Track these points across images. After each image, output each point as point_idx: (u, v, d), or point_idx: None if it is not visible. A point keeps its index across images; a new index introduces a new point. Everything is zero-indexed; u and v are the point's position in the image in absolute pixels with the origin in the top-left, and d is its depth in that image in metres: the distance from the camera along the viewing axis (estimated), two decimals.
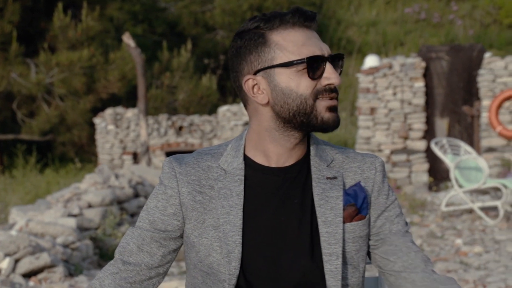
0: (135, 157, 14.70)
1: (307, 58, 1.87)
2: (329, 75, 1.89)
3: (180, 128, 15.13)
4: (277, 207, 1.92)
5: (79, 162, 15.94)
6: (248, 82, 1.91)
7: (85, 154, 16.65)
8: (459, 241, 8.18)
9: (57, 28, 15.59)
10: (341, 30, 21.86)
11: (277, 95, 1.89)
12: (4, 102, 15.63)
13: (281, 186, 1.93)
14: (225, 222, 1.89)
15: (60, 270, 6.40)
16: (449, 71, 12.16)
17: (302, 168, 1.96)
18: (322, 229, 1.90)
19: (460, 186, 9.71)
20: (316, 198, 1.92)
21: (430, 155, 11.89)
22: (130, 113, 14.88)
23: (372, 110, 12.20)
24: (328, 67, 1.90)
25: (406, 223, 2.04)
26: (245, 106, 1.97)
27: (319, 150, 1.98)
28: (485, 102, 11.72)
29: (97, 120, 14.94)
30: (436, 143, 10.24)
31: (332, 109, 1.89)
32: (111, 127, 14.81)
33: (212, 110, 17.01)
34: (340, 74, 1.94)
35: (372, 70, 12.20)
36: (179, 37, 19.37)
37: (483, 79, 11.75)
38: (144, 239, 1.98)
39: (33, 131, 15.93)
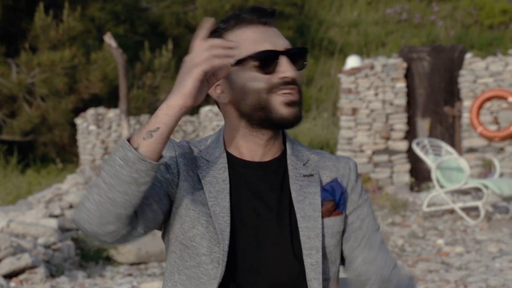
0: None
1: (256, 53, 1.89)
2: (283, 68, 1.90)
3: None
4: (256, 201, 1.94)
5: (60, 162, 15.88)
6: None
7: (66, 155, 16.59)
8: (440, 241, 8.22)
9: (39, 28, 15.52)
10: (323, 31, 21.90)
11: (235, 93, 1.92)
12: None
13: (260, 179, 1.96)
14: (214, 204, 1.91)
15: (41, 271, 6.38)
16: (431, 72, 12.22)
17: (279, 165, 1.98)
18: (302, 224, 1.92)
19: (442, 186, 9.76)
20: (294, 195, 1.94)
21: (411, 156, 11.94)
22: (112, 113, 14.84)
23: (354, 111, 12.23)
24: (282, 61, 1.91)
25: (377, 223, 2.07)
26: (218, 106, 2.01)
27: (295, 150, 2.01)
28: (466, 103, 11.78)
29: (78, 121, 14.89)
30: (418, 144, 10.29)
31: (290, 104, 1.91)
32: (92, 127, 14.77)
33: (194, 111, 17.00)
34: (302, 68, 1.96)
35: (354, 71, 12.24)
36: (161, 37, 19.33)
37: (464, 79, 11.81)
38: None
39: (14, 131, 15.85)
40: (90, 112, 14.83)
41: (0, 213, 8.28)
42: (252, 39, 1.92)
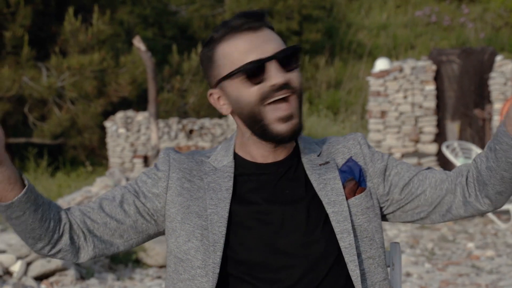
0: (146, 160, 14.72)
1: (242, 66, 1.89)
2: (271, 74, 1.88)
3: (191, 131, 15.14)
4: (268, 200, 1.94)
5: (90, 165, 15.98)
6: (213, 96, 1.98)
7: (96, 158, 16.68)
8: (471, 244, 8.15)
9: (68, 32, 15.63)
10: (352, 34, 21.83)
11: (234, 105, 1.95)
12: (15, 105, 15.67)
13: (272, 179, 1.97)
14: (213, 213, 1.92)
15: (71, 273, 6.41)
16: (460, 74, 12.13)
17: (292, 162, 1.99)
18: (329, 209, 1.93)
19: None
20: (314, 184, 1.95)
21: (441, 159, 11.86)
22: (140, 116, 14.90)
23: (383, 114, 12.18)
24: (270, 67, 1.89)
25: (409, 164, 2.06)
26: None
27: (307, 144, 2.03)
28: (497, 105, 11.68)
29: (108, 124, 14.97)
30: (447, 146, 10.21)
31: (285, 119, 1.89)
32: (122, 130, 14.84)
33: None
34: (294, 69, 1.93)
35: (383, 74, 12.18)
36: (190, 41, 19.38)
37: (495, 82, 11.71)
38: (127, 199, 2.01)
39: (45, 134, 15.96)
40: (119, 115, 14.90)
41: None
42: (240, 50, 1.90)
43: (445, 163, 11.84)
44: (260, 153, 1.98)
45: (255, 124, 1.91)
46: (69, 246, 1.97)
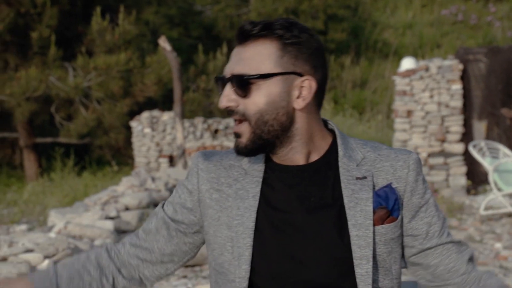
0: (171, 160, 14.77)
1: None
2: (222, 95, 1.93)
3: (216, 131, 15.17)
4: (295, 205, 1.90)
5: (116, 165, 16.05)
6: None
7: (121, 157, 16.76)
8: (498, 245, 8.09)
9: (95, 32, 15.71)
10: (377, 33, 21.75)
11: None
12: (42, 105, 15.78)
13: (298, 183, 1.92)
14: (238, 224, 1.90)
15: None
16: (487, 73, 12.04)
17: (323, 166, 1.93)
18: (352, 232, 1.86)
19: (499, 189, 9.61)
20: (346, 200, 1.88)
21: (468, 158, 11.78)
22: (166, 116, 14.94)
23: (409, 113, 12.12)
24: (226, 87, 1.92)
25: (444, 220, 1.98)
26: None
27: (349, 150, 1.94)
28: None
29: (133, 123, 15.03)
30: (474, 146, 10.15)
31: (234, 135, 1.92)
32: (147, 130, 14.89)
33: None
34: (244, 96, 1.88)
35: (409, 73, 12.12)
36: (215, 41, 19.42)
37: None
38: (164, 223, 2.03)
39: (71, 134, 16.06)
40: (145, 115, 14.96)
41: (58, 215, 8.40)
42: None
43: (471, 163, 11.76)
44: (287, 156, 1.95)
45: None
46: (129, 283, 2.07)
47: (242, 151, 1.91)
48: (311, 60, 1.91)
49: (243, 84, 1.86)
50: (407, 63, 12.35)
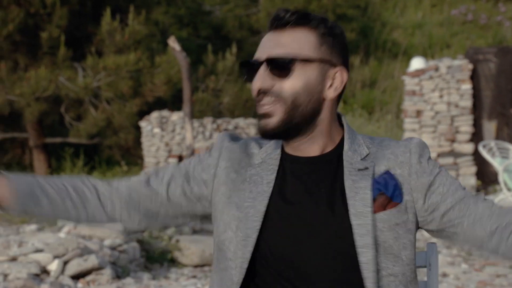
0: (181, 160, 14.78)
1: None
2: (255, 78, 1.93)
3: (225, 131, 15.18)
4: (305, 197, 1.92)
5: (125, 165, 16.08)
6: None
7: (131, 157, 16.78)
8: None
9: (105, 32, 15.74)
10: (387, 33, 21.72)
11: None
12: (52, 105, 15.81)
13: (309, 175, 1.94)
14: (250, 206, 1.92)
15: (107, 272, 6.46)
16: (497, 73, 12.01)
17: (332, 159, 1.96)
18: (354, 221, 1.87)
19: (509, 189, 9.58)
20: (347, 191, 1.90)
21: (477, 158, 11.76)
22: (175, 116, 14.96)
23: (418, 113, 12.10)
24: (259, 70, 1.93)
25: (459, 183, 1.97)
26: None
27: (354, 145, 1.97)
28: None
29: (143, 124, 15.05)
30: (484, 146, 10.13)
31: (260, 116, 1.93)
32: (157, 130, 14.91)
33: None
34: (284, 76, 1.92)
35: (418, 73, 12.11)
36: (224, 41, 19.42)
37: None
38: (175, 179, 2.05)
39: (81, 134, 16.09)
40: (154, 115, 14.98)
41: None
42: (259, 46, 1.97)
43: (481, 163, 11.74)
44: (300, 147, 1.98)
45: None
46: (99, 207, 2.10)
47: (269, 132, 1.93)
48: (343, 54, 1.98)
49: (283, 66, 1.90)
50: (416, 63, 12.34)
